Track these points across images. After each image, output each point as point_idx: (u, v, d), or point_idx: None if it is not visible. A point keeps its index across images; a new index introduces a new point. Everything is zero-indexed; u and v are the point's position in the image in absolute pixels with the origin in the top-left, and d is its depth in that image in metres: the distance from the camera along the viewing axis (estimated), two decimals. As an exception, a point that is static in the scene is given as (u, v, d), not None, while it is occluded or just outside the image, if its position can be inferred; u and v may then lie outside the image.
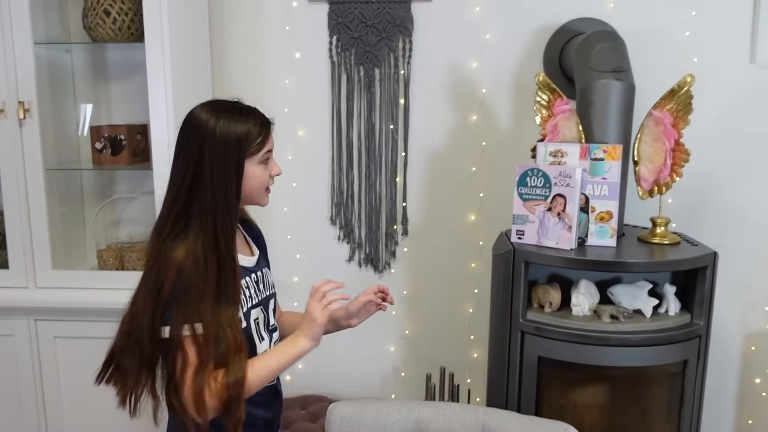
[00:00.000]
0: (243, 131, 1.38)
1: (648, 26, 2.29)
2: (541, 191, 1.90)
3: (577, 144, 1.94)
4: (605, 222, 1.94)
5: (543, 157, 1.96)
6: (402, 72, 2.39)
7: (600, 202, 1.94)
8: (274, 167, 1.47)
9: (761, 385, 2.45)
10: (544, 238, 1.91)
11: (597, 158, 1.93)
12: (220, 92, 2.43)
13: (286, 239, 2.53)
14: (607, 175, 1.93)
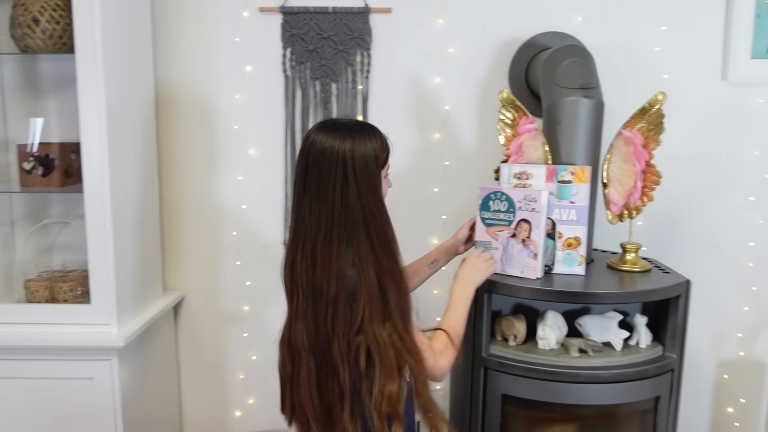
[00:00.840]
0: (376, 147, 1.41)
1: (617, 41, 2.19)
2: (504, 216, 1.76)
3: (543, 165, 1.82)
4: (573, 249, 1.81)
5: (507, 179, 1.83)
6: (360, 87, 2.26)
7: (568, 227, 1.81)
8: (390, 181, 1.51)
9: (734, 414, 2.35)
10: (509, 267, 1.77)
11: (564, 180, 1.80)
12: (164, 109, 2.28)
13: (235, 266, 2.37)
14: (575, 199, 1.80)
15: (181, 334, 2.44)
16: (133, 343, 2.03)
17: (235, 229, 2.35)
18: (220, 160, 2.33)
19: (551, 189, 1.79)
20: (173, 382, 2.43)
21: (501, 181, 1.85)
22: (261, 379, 2.43)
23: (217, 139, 2.32)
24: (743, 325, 2.30)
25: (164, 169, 2.34)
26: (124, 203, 2.02)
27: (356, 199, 1.35)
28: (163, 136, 2.32)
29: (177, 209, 2.36)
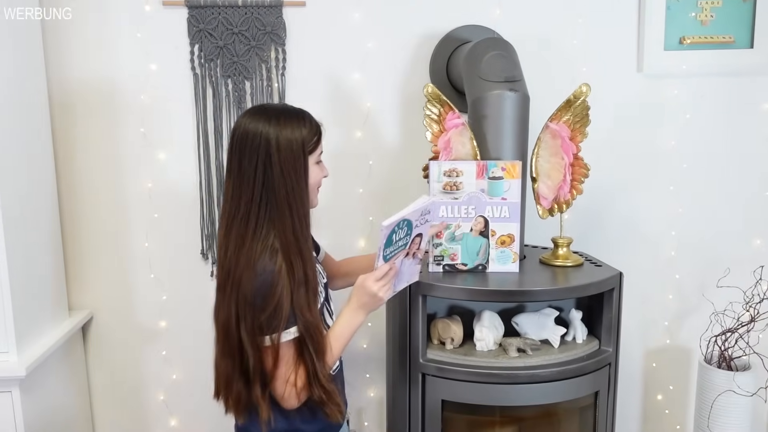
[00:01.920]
0: (304, 132, 1.42)
1: (536, 34, 2.17)
2: (403, 241, 1.50)
3: (474, 162, 1.76)
4: (507, 246, 1.77)
5: (437, 177, 1.75)
6: (276, 85, 2.14)
7: (500, 224, 1.76)
8: (325, 168, 1.53)
9: (663, 401, 2.39)
10: (398, 284, 1.56)
11: (495, 177, 1.74)
12: (61, 112, 2.10)
13: (148, 278, 2.20)
14: (507, 195, 1.75)
15: (92, 356, 2.25)
16: (37, 371, 1.84)
17: (147, 240, 2.18)
18: (127, 166, 2.16)
19: (482, 186, 1.74)
20: (85, 410, 2.24)
21: (431, 179, 1.75)
22: (183, 398, 2.27)
23: (123, 143, 2.15)
24: (669, 313, 2.34)
25: (63, 179, 2.14)
26: (16, 217, 1.83)
27: (280, 182, 1.38)
28: (61, 142, 2.13)
29: (80, 222, 2.17)
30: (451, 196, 1.72)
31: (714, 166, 2.27)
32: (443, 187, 1.72)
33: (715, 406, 2.06)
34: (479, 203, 1.73)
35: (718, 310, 2.18)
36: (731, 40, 2.22)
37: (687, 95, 2.23)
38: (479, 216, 1.74)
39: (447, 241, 1.75)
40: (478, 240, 1.74)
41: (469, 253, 1.76)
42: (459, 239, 1.74)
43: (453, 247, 1.75)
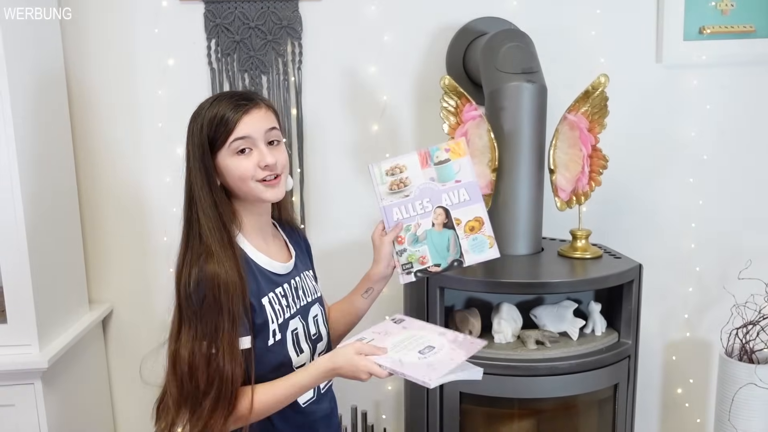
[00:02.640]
0: (211, 120, 1.31)
1: (553, 26, 2.16)
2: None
3: (414, 152, 1.52)
4: (477, 231, 1.52)
5: (379, 179, 1.51)
6: (293, 79, 2.14)
7: (463, 210, 1.51)
8: (262, 156, 1.32)
9: (683, 395, 2.37)
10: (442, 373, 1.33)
11: (441, 161, 1.52)
12: (79, 108, 2.12)
13: (167, 273, 2.21)
14: (460, 176, 1.52)
15: (112, 349, 2.28)
16: (58, 363, 1.86)
17: (166, 235, 2.20)
18: (146, 161, 2.17)
19: (431, 174, 1.51)
20: (105, 402, 2.26)
21: (374, 184, 1.52)
22: (201, 392, 2.28)
23: (141, 138, 2.16)
24: (689, 306, 2.32)
25: (83, 175, 2.16)
26: (38, 213, 1.85)
27: (188, 178, 1.34)
28: (81, 138, 2.15)
29: (100, 217, 2.19)
30: (401, 195, 1.50)
31: (734, 158, 2.25)
32: (389, 188, 1.50)
33: (736, 400, 2.04)
34: (433, 193, 1.51)
35: (739, 302, 2.15)
36: (752, 29, 2.19)
37: (707, 86, 2.21)
38: (437, 207, 1.51)
39: (410, 244, 1.51)
40: (444, 234, 1.52)
41: (439, 250, 1.52)
42: (423, 239, 1.51)
43: (419, 249, 1.51)
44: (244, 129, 1.31)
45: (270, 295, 1.36)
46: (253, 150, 1.32)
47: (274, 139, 1.35)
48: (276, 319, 1.35)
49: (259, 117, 1.33)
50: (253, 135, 1.32)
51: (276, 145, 1.36)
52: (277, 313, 1.36)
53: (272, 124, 1.36)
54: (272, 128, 1.35)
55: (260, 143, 1.32)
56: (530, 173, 1.86)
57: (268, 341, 1.33)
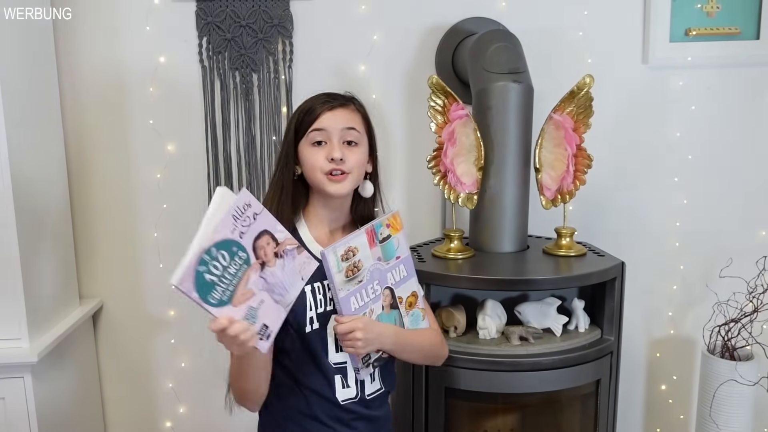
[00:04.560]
0: (301, 110, 1.42)
1: (541, 26, 2.18)
2: (234, 267, 1.16)
3: (361, 232, 1.34)
4: (414, 306, 1.46)
5: (336, 266, 1.29)
6: (283, 77, 2.16)
7: (403, 287, 1.43)
8: (332, 149, 1.38)
9: (667, 391, 2.40)
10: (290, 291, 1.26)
11: (384, 238, 1.39)
12: (71, 103, 2.13)
13: (157, 268, 2.24)
14: (399, 252, 1.42)
15: (102, 344, 2.29)
16: (48, 357, 1.88)
17: (156, 230, 2.22)
18: (137, 158, 2.19)
19: (378, 254, 1.38)
20: (95, 396, 2.28)
21: (331, 273, 1.29)
22: (191, 386, 2.31)
23: (132, 135, 2.18)
24: (673, 304, 2.35)
25: (74, 170, 2.18)
26: (29, 207, 1.86)
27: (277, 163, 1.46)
28: (72, 134, 2.16)
29: (91, 212, 2.21)
30: (355, 282, 1.33)
31: (719, 158, 2.28)
32: (345, 275, 1.31)
33: (717, 396, 2.07)
34: (381, 274, 1.38)
35: (721, 300, 2.18)
36: (737, 31, 2.22)
37: (692, 87, 2.24)
38: (385, 289, 1.40)
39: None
40: (392, 315, 1.41)
41: None
42: None
43: None
44: (323, 122, 1.38)
45: (315, 284, 1.38)
46: (327, 144, 1.38)
47: (351, 139, 1.40)
48: (315, 307, 1.38)
49: (342, 115, 1.40)
50: (330, 129, 1.38)
51: (352, 145, 1.40)
52: (318, 303, 1.39)
53: (353, 124, 1.41)
54: (351, 128, 1.40)
55: (334, 138, 1.38)
56: (516, 172, 1.89)
57: (305, 327, 1.37)
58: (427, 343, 1.47)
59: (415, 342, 1.44)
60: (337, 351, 1.39)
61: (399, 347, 1.40)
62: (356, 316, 1.31)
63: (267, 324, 1.22)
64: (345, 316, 1.30)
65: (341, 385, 1.39)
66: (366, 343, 1.31)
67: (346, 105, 1.43)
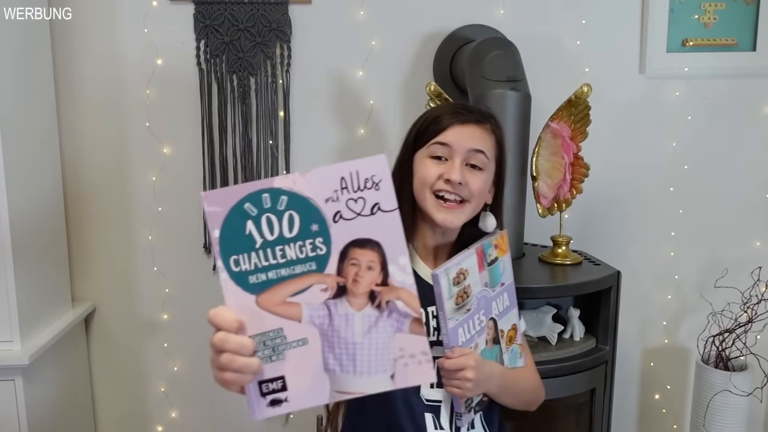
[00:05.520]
0: (427, 117, 1.25)
1: (539, 34, 2.19)
2: (300, 253, 0.77)
3: (472, 251, 1.17)
4: (513, 341, 1.31)
5: (447, 292, 1.10)
6: (281, 81, 2.16)
7: (505, 319, 1.28)
8: (450, 169, 1.19)
9: (661, 401, 2.40)
10: (350, 373, 0.78)
11: (492, 260, 1.23)
12: (67, 105, 2.12)
13: (151, 271, 2.22)
14: (504, 278, 1.27)
15: (94, 347, 2.28)
16: (39, 360, 1.86)
17: (151, 233, 2.21)
18: (132, 160, 2.18)
19: (485, 279, 1.20)
20: (86, 400, 2.26)
21: (442, 295, 1.08)
22: (184, 391, 2.29)
23: (128, 137, 2.17)
24: (667, 313, 2.35)
25: (69, 171, 2.16)
26: (22, 208, 1.85)
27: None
28: (67, 135, 2.15)
29: (85, 214, 2.20)
30: (464, 311, 1.14)
31: (714, 168, 2.29)
32: (455, 302, 1.12)
33: (711, 406, 2.07)
34: (487, 303, 1.21)
35: (716, 310, 2.19)
36: (734, 42, 2.23)
37: (689, 97, 2.25)
38: (489, 319, 1.22)
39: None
40: (494, 351, 1.24)
41: None
42: None
43: None
44: (449, 136, 1.20)
45: (429, 309, 1.20)
46: (447, 161, 1.21)
47: (475, 162, 1.21)
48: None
49: (473, 133, 1.22)
50: (454, 146, 1.20)
51: (476, 170, 1.21)
52: (430, 332, 1.21)
53: (482, 147, 1.22)
54: (479, 151, 1.21)
55: (457, 157, 1.20)
56: (513, 180, 1.88)
57: None
58: (530, 387, 1.31)
59: (519, 385, 1.27)
60: (432, 386, 1.20)
61: (504, 390, 1.21)
62: (468, 352, 1.12)
63: (287, 381, 0.76)
64: (455, 350, 1.11)
65: (433, 426, 1.19)
66: (476, 384, 1.12)
67: (481, 123, 1.24)
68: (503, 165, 1.28)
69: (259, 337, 0.75)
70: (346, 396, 0.77)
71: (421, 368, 0.76)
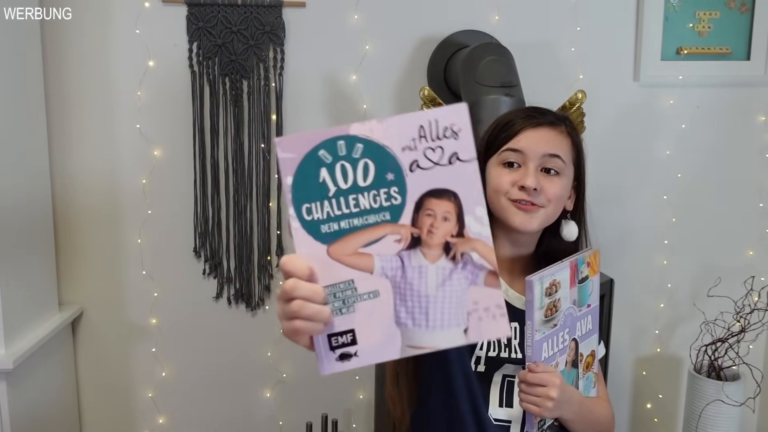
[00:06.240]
0: (498, 122, 1.19)
1: (534, 40, 2.18)
2: (374, 203, 0.74)
3: (566, 262, 1.13)
4: (590, 368, 1.23)
5: (539, 301, 1.07)
6: (273, 84, 2.14)
7: (585, 343, 1.21)
8: (524, 176, 1.13)
9: (653, 410, 2.39)
10: (422, 326, 0.76)
11: (583, 278, 1.18)
12: (56, 105, 2.10)
13: (140, 275, 2.20)
14: (591, 299, 1.21)
15: (81, 351, 2.24)
16: (24, 364, 1.83)
17: (140, 237, 2.18)
18: (122, 162, 2.16)
19: (574, 296, 1.15)
20: (72, 405, 2.23)
21: (534, 304, 1.06)
22: (172, 396, 2.26)
23: (118, 139, 2.14)
24: (660, 322, 2.34)
25: (58, 173, 2.14)
26: (9, 210, 1.83)
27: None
28: (56, 136, 2.12)
29: (73, 217, 2.17)
30: (551, 324, 1.10)
31: (708, 177, 2.29)
32: (545, 314, 1.08)
33: (703, 416, 2.06)
34: (572, 322, 1.16)
35: (708, 319, 2.18)
36: (728, 51, 2.23)
37: (683, 105, 2.25)
38: (572, 340, 1.17)
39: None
40: (571, 375, 1.18)
41: None
42: None
43: None
44: (520, 142, 1.15)
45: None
46: (520, 167, 1.15)
47: (551, 167, 1.15)
48: (487, 347, 1.15)
49: (547, 137, 1.16)
50: (527, 152, 1.15)
51: (552, 175, 1.16)
52: (492, 344, 1.15)
53: (558, 151, 1.16)
54: (554, 155, 1.15)
55: (531, 163, 1.14)
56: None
57: (470, 365, 1.14)
58: (603, 419, 1.23)
59: (594, 415, 1.19)
60: (501, 405, 1.15)
61: (579, 418, 1.13)
62: (552, 369, 1.07)
63: (357, 335, 0.75)
64: (540, 365, 1.05)
65: None
66: (557, 405, 1.05)
67: (555, 125, 1.18)
68: (582, 169, 1.23)
69: (330, 288, 0.74)
70: (418, 351, 0.75)
71: (496, 322, 0.75)
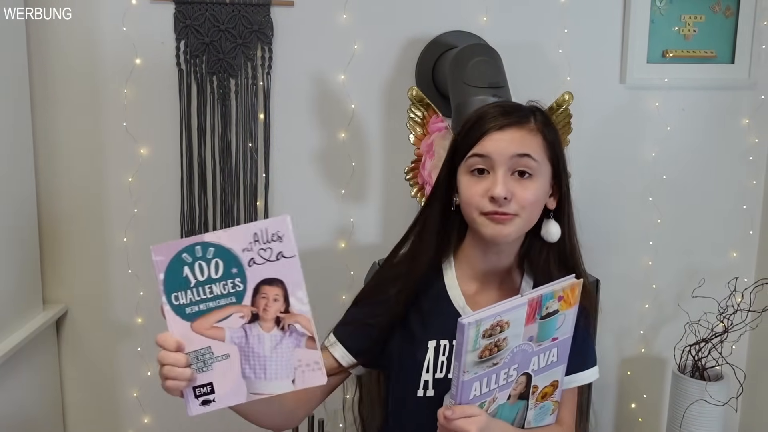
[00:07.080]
0: (466, 121, 1.14)
1: (521, 42, 2.19)
2: (223, 289, 0.99)
3: (524, 301, 1.02)
4: (548, 398, 1.16)
5: (473, 344, 0.99)
6: (261, 83, 2.14)
7: (545, 375, 1.13)
8: (493, 185, 1.06)
9: (637, 410, 2.41)
10: (261, 380, 1.01)
11: (549, 313, 1.07)
12: (41, 103, 2.08)
13: (126, 274, 2.18)
14: (559, 333, 1.11)
15: (65, 351, 2.23)
16: (7, 364, 1.82)
17: (126, 236, 2.17)
18: (108, 160, 2.14)
19: (531, 332, 1.06)
20: (56, 405, 2.21)
21: (463, 347, 0.98)
22: (157, 396, 2.24)
23: (104, 137, 2.13)
24: (644, 323, 2.36)
25: (42, 171, 2.12)
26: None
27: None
28: (41, 133, 2.10)
29: (58, 215, 2.15)
30: (489, 364, 1.03)
31: (693, 178, 2.31)
32: (479, 355, 1.01)
33: (687, 415, 2.08)
34: (524, 358, 1.08)
35: (692, 320, 2.20)
36: (713, 54, 2.25)
37: (668, 108, 2.26)
38: (522, 375, 1.10)
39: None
40: (515, 407, 1.12)
41: None
42: (492, 416, 1.08)
43: None
44: (486, 146, 1.07)
45: (443, 342, 1.14)
46: (490, 174, 1.08)
47: (523, 168, 1.08)
48: (434, 370, 1.13)
49: (513, 138, 1.08)
50: (494, 156, 1.07)
51: (525, 178, 1.08)
52: (440, 366, 1.13)
53: (527, 150, 1.08)
54: (524, 155, 1.07)
55: (500, 168, 1.07)
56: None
57: (417, 391, 1.12)
58: None
59: None
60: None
61: None
62: (474, 411, 1.00)
63: (214, 386, 0.99)
64: (457, 410, 0.99)
65: None
66: None
67: (521, 124, 1.09)
68: (561, 164, 1.15)
69: (193, 353, 0.99)
70: (259, 396, 1.01)
71: (314, 374, 1.00)
